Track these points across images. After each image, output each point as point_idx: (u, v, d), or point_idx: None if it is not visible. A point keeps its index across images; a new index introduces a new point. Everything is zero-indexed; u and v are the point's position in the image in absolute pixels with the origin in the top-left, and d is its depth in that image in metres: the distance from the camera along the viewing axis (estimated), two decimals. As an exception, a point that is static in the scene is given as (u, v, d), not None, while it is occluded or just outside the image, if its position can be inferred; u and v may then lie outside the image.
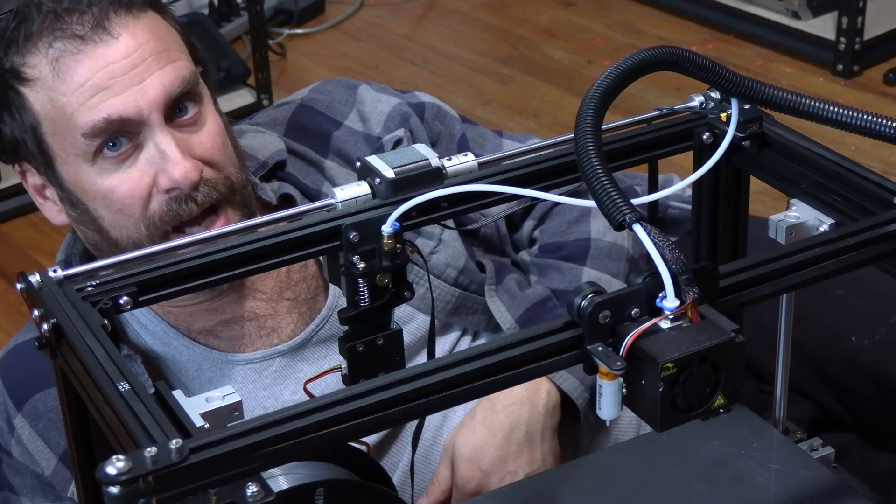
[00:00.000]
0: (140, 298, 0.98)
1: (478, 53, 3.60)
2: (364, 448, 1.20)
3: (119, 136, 1.31)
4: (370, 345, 1.06)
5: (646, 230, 0.89)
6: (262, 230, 1.05)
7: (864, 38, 3.31)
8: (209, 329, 1.44)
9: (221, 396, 0.86)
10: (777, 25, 3.44)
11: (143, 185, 1.32)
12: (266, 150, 1.49)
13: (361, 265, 1.03)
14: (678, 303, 0.87)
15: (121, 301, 0.97)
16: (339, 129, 1.54)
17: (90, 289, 0.97)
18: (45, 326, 0.93)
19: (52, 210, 1.40)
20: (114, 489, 0.76)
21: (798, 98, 1.05)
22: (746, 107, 1.12)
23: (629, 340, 0.86)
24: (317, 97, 1.57)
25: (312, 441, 0.82)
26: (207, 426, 0.84)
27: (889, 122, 1.03)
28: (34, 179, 1.38)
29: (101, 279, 0.98)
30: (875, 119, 1.03)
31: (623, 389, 0.87)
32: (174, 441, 0.78)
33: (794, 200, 1.11)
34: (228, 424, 0.84)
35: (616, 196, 0.91)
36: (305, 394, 1.17)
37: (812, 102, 1.04)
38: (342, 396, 0.83)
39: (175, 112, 1.34)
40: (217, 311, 1.43)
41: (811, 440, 1.25)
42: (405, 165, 1.06)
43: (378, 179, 1.05)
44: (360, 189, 1.06)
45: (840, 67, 3.32)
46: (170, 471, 0.77)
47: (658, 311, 0.88)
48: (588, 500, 1.17)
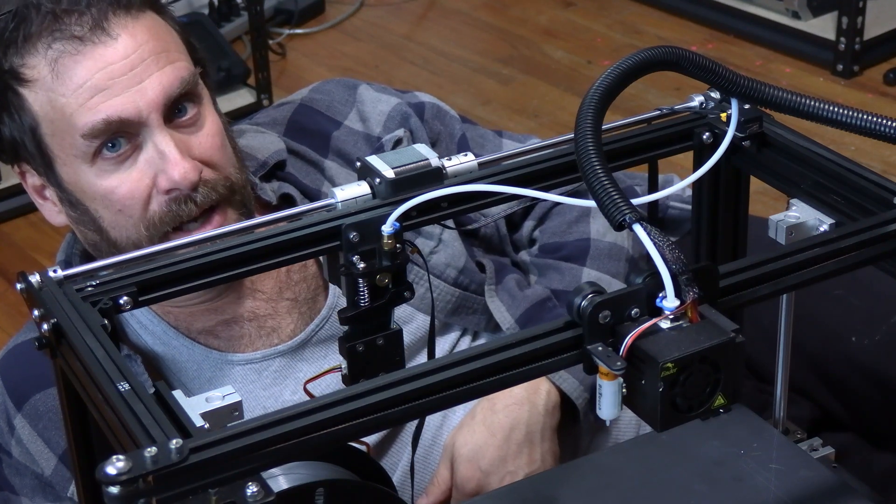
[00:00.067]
0: (140, 298, 0.98)
1: (478, 53, 3.60)
2: (364, 448, 1.20)
3: (118, 137, 1.31)
4: (370, 345, 1.06)
5: (646, 230, 0.89)
6: (262, 230, 1.05)
7: (864, 38, 3.30)
8: (209, 329, 1.44)
9: (221, 396, 0.86)
10: (777, 25, 3.44)
11: (143, 186, 1.32)
12: (266, 150, 1.49)
13: (361, 265, 1.03)
14: (678, 303, 0.87)
15: (121, 301, 0.97)
16: (339, 129, 1.53)
17: (90, 289, 0.97)
18: (45, 326, 0.93)
19: (52, 210, 1.40)
20: (114, 489, 0.76)
21: (798, 98, 1.05)
22: (746, 107, 1.12)
23: (629, 340, 0.86)
24: (317, 97, 1.57)
25: (312, 441, 0.82)
26: (207, 426, 0.84)
27: (889, 122, 1.02)
28: (34, 180, 1.38)
29: (101, 279, 0.98)
30: (875, 119, 1.03)
31: (623, 389, 0.87)
32: (174, 441, 0.78)
33: (794, 200, 1.11)
34: (228, 424, 0.84)
35: (616, 196, 0.91)
36: (305, 394, 1.17)
37: (812, 102, 1.04)
38: (342, 396, 0.83)
39: (174, 113, 1.33)
40: (217, 311, 1.43)
41: (811, 440, 1.25)
42: (405, 165, 1.06)
43: (378, 179, 1.05)
44: (360, 189, 1.06)
45: (840, 67, 3.32)
46: (170, 471, 0.77)
47: (658, 311, 0.88)
48: (588, 500, 1.17)
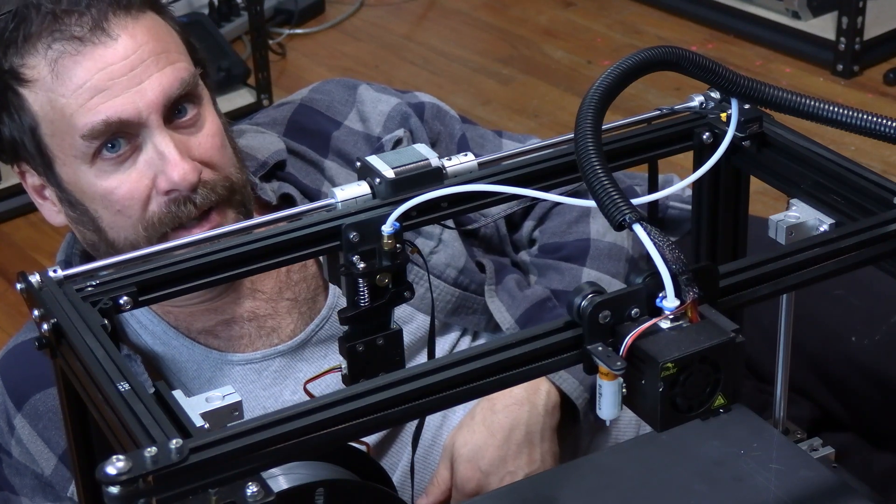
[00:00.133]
0: (140, 298, 0.98)
1: (478, 53, 3.60)
2: (364, 448, 1.20)
3: (118, 138, 1.31)
4: (370, 345, 1.06)
5: (646, 230, 0.89)
6: (262, 230, 1.05)
7: (864, 38, 3.30)
8: (209, 329, 1.44)
9: (221, 396, 0.86)
10: (777, 25, 3.44)
11: (142, 187, 1.32)
12: (266, 150, 1.49)
13: (361, 265, 1.03)
14: (678, 303, 0.87)
15: (121, 301, 0.97)
16: (339, 129, 1.53)
17: (90, 289, 0.96)
18: (45, 326, 0.93)
19: (51, 210, 1.40)
20: (114, 489, 0.76)
21: (798, 98, 1.05)
22: (746, 107, 1.12)
23: (629, 340, 0.86)
24: (317, 97, 1.57)
25: (312, 441, 0.82)
26: (207, 426, 0.84)
27: (889, 122, 1.02)
28: (33, 180, 1.38)
29: (101, 279, 0.97)
30: (875, 119, 1.03)
31: (623, 389, 0.87)
32: (174, 441, 0.78)
33: (794, 200, 1.11)
34: (228, 424, 0.84)
35: (616, 196, 0.90)
36: (305, 394, 1.17)
37: (812, 102, 1.04)
38: (342, 396, 0.83)
39: (174, 113, 1.33)
40: (217, 311, 1.43)
41: (811, 440, 1.25)
42: (405, 165, 1.06)
43: (378, 179, 1.05)
44: (360, 189, 1.06)
45: (840, 67, 3.32)
46: (170, 471, 0.77)
47: (658, 311, 0.88)
48: (588, 500, 1.17)
